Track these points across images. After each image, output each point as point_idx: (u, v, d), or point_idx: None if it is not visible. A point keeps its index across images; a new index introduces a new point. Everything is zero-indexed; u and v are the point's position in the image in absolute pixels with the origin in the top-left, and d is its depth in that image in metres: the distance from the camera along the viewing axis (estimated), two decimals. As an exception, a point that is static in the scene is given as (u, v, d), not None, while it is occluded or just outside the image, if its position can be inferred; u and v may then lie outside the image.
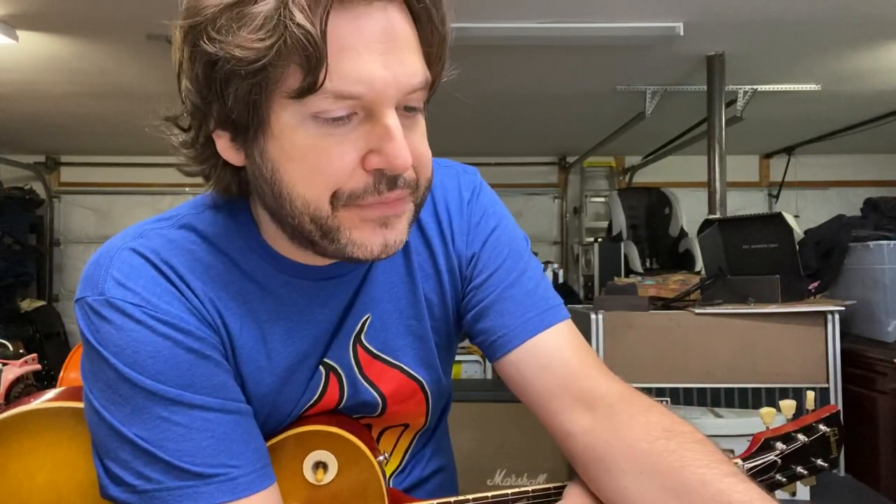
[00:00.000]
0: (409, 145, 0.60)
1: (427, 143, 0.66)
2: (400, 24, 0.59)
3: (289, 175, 0.61)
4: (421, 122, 0.65)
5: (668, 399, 2.18)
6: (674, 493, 0.64)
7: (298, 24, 0.54)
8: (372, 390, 0.78)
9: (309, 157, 0.60)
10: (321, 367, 0.75)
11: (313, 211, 0.61)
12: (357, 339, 0.76)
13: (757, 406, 2.14)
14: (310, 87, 0.56)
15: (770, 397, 2.16)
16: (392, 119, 0.59)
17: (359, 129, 0.59)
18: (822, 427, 0.88)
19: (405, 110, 0.62)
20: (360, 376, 0.77)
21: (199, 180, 0.71)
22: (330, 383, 0.76)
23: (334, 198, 0.61)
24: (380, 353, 0.78)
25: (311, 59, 0.55)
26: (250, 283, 0.70)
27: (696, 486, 0.63)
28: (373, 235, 0.63)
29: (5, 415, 0.71)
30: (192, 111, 0.64)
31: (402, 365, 0.79)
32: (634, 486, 0.67)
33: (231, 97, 0.58)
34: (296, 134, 0.59)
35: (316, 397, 0.76)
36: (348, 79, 0.56)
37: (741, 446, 0.88)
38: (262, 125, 0.60)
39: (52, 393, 0.76)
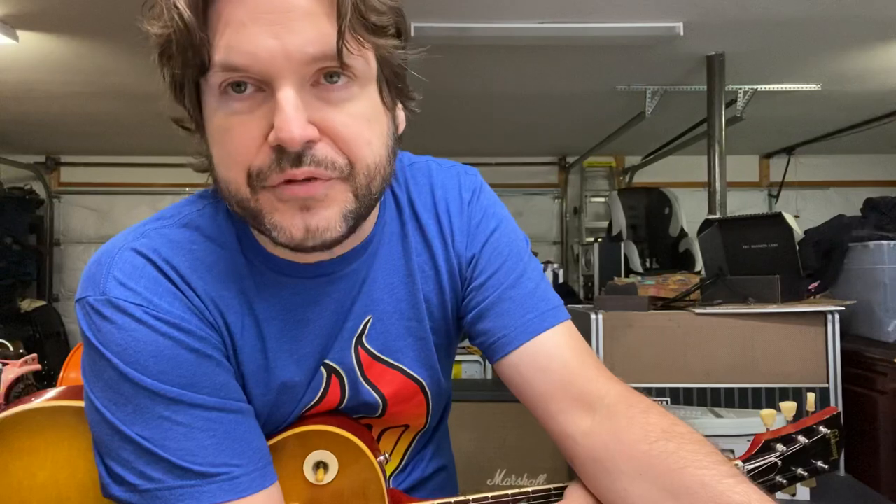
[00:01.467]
0: (324, 120, 0.59)
1: (365, 123, 0.62)
2: None
3: (216, 158, 0.62)
4: (353, 96, 0.61)
5: (668, 399, 2.18)
6: (673, 494, 0.64)
7: (176, 7, 0.56)
8: (373, 392, 0.78)
9: (223, 138, 0.61)
10: (322, 369, 0.75)
11: (236, 194, 0.62)
12: (359, 340, 0.76)
13: (757, 406, 2.14)
14: (202, 65, 0.58)
15: (770, 397, 2.16)
16: (284, 90, 0.57)
17: (264, 105, 0.59)
18: (822, 429, 0.88)
19: (326, 82, 0.59)
20: (361, 378, 0.77)
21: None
22: (331, 385, 0.76)
23: (250, 178, 0.60)
24: (380, 355, 0.78)
25: (194, 38, 0.57)
26: (251, 283, 0.70)
27: (695, 487, 0.63)
28: (293, 219, 0.61)
29: (5, 414, 0.71)
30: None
31: (402, 366, 0.79)
32: (634, 487, 0.67)
33: (169, 83, 0.62)
34: (215, 116, 0.61)
35: (317, 399, 0.76)
36: (233, 51, 0.57)
37: (741, 446, 0.88)
38: (200, 112, 0.62)
39: (52, 392, 0.76)
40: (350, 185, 0.62)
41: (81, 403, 0.67)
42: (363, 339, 0.76)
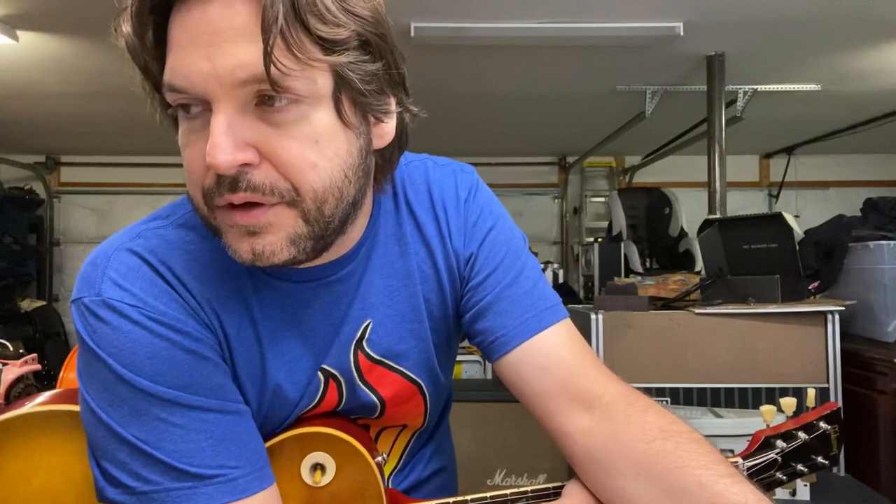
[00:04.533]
0: (263, 144, 0.57)
1: (310, 145, 0.58)
2: (238, 15, 0.55)
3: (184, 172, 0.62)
4: (299, 117, 0.57)
5: (668, 399, 2.18)
6: (670, 494, 0.64)
7: (123, 30, 0.59)
8: (371, 395, 0.78)
9: (184, 154, 0.61)
10: (320, 374, 0.74)
11: (199, 209, 0.62)
12: (358, 344, 0.75)
13: (757, 406, 2.14)
14: (156, 83, 0.59)
15: (770, 397, 2.16)
16: (216, 114, 0.56)
17: (209, 126, 0.58)
18: (822, 424, 0.87)
19: (266, 105, 0.57)
20: (359, 381, 0.77)
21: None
22: (329, 389, 0.76)
23: (205, 197, 0.60)
24: (380, 358, 0.77)
25: (138, 60, 0.59)
26: (247, 283, 0.70)
27: (692, 487, 0.63)
28: (240, 242, 0.60)
29: (0, 418, 0.70)
30: None
31: (401, 369, 0.78)
32: (632, 487, 0.67)
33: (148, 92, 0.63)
34: (179, 131, 0.61)
35: (314, 403, 0.76)
36: (173, 72, 0.57)
37: (741, 446, 0.88)
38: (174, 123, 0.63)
39: (47, 395, 0.75)
40: (297, 211, 0.60)
41: (76, 407, 0.66)
42: (363, 343, 0.76)
